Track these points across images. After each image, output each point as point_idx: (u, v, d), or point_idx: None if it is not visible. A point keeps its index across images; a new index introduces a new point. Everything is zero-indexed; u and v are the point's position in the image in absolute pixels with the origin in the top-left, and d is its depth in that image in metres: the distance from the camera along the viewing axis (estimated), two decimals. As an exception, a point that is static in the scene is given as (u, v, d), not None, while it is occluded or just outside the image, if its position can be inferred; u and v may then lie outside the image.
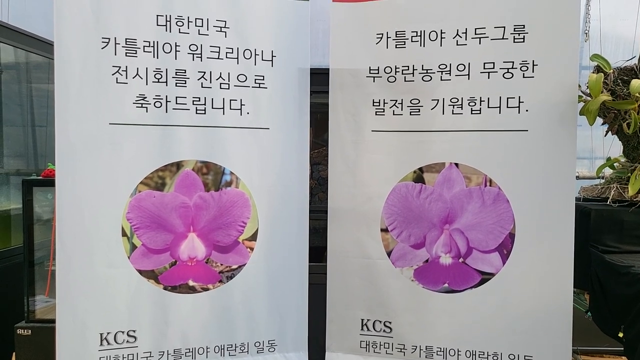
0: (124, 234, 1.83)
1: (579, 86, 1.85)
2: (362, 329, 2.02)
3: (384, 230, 1.98)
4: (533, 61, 1.81)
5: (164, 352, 1.88)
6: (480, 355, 1.90)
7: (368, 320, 2.01)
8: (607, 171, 2.27)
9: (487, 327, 1.89)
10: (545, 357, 1.84)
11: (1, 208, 2.81)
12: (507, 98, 1.84)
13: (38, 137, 3.22)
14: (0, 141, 2.92)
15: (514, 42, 1.83)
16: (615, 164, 2.20)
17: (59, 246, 1.76)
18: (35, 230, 2.24)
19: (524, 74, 1.82)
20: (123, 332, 1.84)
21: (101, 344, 1.81)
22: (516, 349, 1.87)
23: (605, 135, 2.14)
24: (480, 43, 1.86)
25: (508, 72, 1.84)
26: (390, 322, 1.99)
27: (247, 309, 1.97)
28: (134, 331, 1.85)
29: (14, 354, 2.16)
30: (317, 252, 2.22)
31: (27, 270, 2.21)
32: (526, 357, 1.86)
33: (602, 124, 2.07)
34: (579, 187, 2.29)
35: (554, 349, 1.83)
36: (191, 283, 1.92)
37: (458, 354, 1.92)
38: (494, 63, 1.85)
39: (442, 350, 1.94)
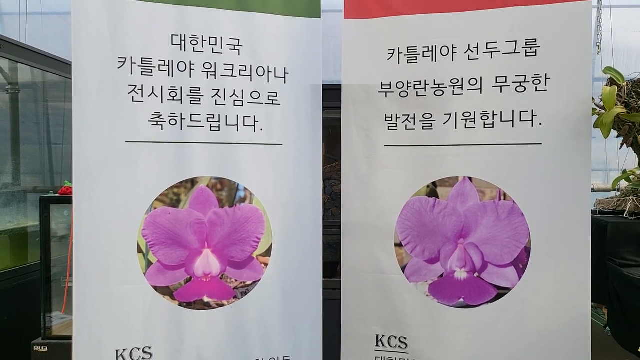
0: (139, 250, 1.85)
1: (593, 99, 1.84)
2: (377, 345, 2.01)
3: (398, 245, 1.98)
4: (545, 74, 1.81)
5: (179, 368, 1.88)
6: (498, 372, 1.87)
7: (383, 336, 2.00)
8: (623, 183, 2.25)
9: (504, 342, 1.87)
10: (564, 373, 1.81)
11: (18, 225, 2.85)
12: (520, 112, 1.84)
13: (54, 155, 3.27)
14: (18, 159, 2.96)
15: (526, 56, 1.83)
16: (631, 177, 2.18)
17: (75, 263, 1.78)
18: (51, 247, 2.26)
19: (536, 87, 1.82)
20: (139, 349, 1.84)
21: (117, 361, 1.82)
22: (534, 365, 1.84)
23: (620, 148, 2.12)
24: (492, 57, 1.86)
25: (520, 85, 1.84)
26: (405, 338, 1.97)
27: (262, 324, 1.96)
28: (149, 348, 1.85)
29: (30, 370, 2.18)
30: (331, 268, 2.22)
31: (43, 287, 2.23)
32: (544, 373, 1.83)
33: (617, 137, 2.06)
34: (594, 199, 2.27)
35: (573, 365, 1.80)
36: (206, 299, 1.92)
37: (475, 370, 1.90)
38: (506, 77, 1.85)
39: (458, 366, 1.92)
